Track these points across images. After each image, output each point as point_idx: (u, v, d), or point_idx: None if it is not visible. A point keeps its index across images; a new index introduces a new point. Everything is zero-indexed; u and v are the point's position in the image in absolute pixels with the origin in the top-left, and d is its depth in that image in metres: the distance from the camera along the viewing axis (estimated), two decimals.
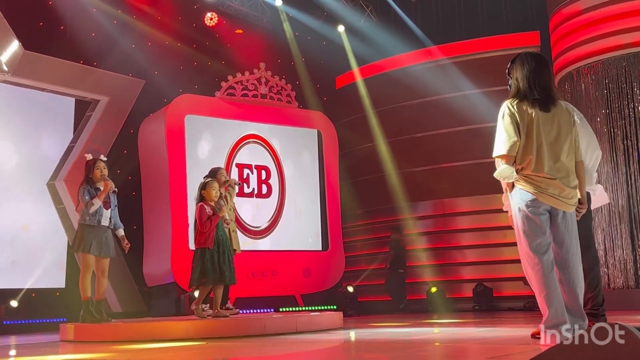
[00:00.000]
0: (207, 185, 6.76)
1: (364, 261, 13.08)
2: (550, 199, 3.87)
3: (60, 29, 10.78)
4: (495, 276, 11.59)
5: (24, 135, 10.32)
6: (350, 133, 13.54)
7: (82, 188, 6.84)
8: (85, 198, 6.76)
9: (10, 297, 9.67)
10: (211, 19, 12.63)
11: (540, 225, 3.88)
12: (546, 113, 3.94)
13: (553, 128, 3.92)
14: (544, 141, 3.89)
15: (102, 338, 6.37)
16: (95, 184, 6.89)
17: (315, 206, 12.65)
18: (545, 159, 3.87)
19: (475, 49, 12.32)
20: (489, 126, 11.25)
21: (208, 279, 6.58)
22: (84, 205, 6.77)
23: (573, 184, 3.93)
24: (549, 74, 4.10)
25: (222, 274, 6.62)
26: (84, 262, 6.84)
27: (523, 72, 4.05)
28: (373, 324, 8.36)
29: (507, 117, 3.95)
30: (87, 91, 11.03)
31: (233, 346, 5.38)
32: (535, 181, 3.88)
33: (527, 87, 4.00)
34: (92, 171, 6.91)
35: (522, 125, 3.91)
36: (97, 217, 6.82)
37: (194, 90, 11.81)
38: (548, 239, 3.91)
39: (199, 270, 6.58)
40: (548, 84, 4.03)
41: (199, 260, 6.60)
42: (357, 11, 13.89)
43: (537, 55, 4.13)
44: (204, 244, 6.62)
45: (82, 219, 6.83)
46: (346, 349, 5.26)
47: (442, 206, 12.36)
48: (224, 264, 6.65)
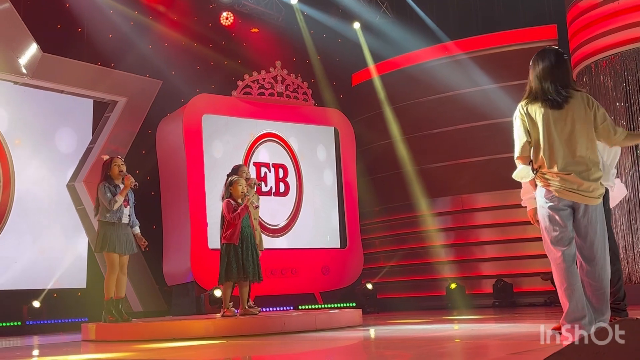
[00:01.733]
0: (233, 182, 6.81)
1: (383, 258, 13.06)
2: (569, 194, 3.86)
3: (77, 31, 10.86)
4: (516, 272, 11.51)
5: (43, 137, 10.41)
6: (367, 130, 13.51)
7: (102, 186, 6.82)
8: (107, 195, 6.76)
9: (32, 297, 9.77)
10: (227, 19, 12.67)
11: (560, 221, 3.88)
12: (558, 110, 3.91)
13: (567, 124, 3.90)
14: (556, 139, 3.88)
15: (123, 337, 6.42)
16: (114, 181, 6.90)
17: (333, 204, 12.66)
18: (560, 155, 3.86)
19: (492, 44, 12.23)
20: (508, 121, 11.14)
21: (232, 274, 6.60)
22: (106, 203, 6.75)
23: (594, 177, 3.89)
24: (563, 70, 4.04)
25: (245, 271, 6.63)
26: (109, 261, 6.83)
27: (534, 71, 4.05)
28: (392, 321, 8.35)
29: (517, 120, 4.02)
30: (105, 92, 11.10)
31: (253, 344, 5.39)
32: (552, 178, 3.89)
33: (537, 87, 4.00)
34: (110, 168, 6.92)
35: (532, 126, 3.95)
36: (118, 214, 6.83)
37: (210, 90, 11.85)
38: (570, 233, 3.90)
39: (224, 267, 6.61)
40: (562, 81, 3.98)
41: (225, 256, 6.64)
42: (373, 8, 13.85)
43: (551, 52, 4.07)
44: (230, 240, 6.64)
45: (103, 217, 6.81)
46: (366, 346, 5.25)
47: (461, 202, 12.30)
48: (247, 261, 6.67)
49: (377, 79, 13.40)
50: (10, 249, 9.81)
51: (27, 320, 9.62)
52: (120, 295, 6.97)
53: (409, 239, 12.66)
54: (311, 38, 13.46)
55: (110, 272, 6.83)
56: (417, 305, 11.92)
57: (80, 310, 9.97)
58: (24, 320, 9.61)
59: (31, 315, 9.66)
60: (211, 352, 5.02)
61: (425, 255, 12.37)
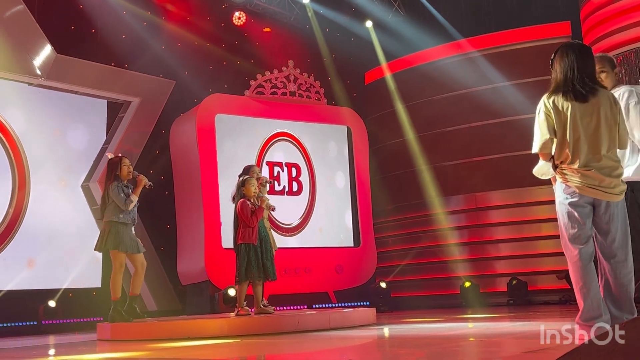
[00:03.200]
0: (245, 182, 6.84)
1: (396, 257, 13.04)
2: (590, 191, 3.82)
3: (91, 32, 10.92)
4: (530, 270, 11.45)
5: (58, 138, 10.49)
6: (380, 128, 13.50)
7: (114, 186, 6.80)
8: (121, 196, 6.75)
9: (48, 297, 9.84)
10: (239, 18, 12.69)
11: (579, 218, 3.85)
12: (584, 104, 3.87)
13: (592, 119, 3.85)
14: (582, 134, 3.83)
15: (138, 336, 6.45)
16: (123, 181, 6.91)
17: (346, 202, 12.65)
18: (583, 151, 3.83)
19: (505, 41, 12.17)
20: (521, 119, 11.23)
21: (253, 274, 6.62)
22: (120, 203, 6.74)
23: (616, 173, 3.86)
24: (589, 64, 4.00)
25: (265, 270, 6.67)
26: (117, 261, 6.83)
27: (561, 64, 3.98)
28: (406, 319, 8.33)
29: (541, 114, 3.94)
30: (118, 93, 11.16)
31: (267, 343, 5.40)
32: (573, 174, 3.85)
33: (564, 80, 3.94)
34: (120, 168, 6.90)
35: (558, 120, 3.89)
36: (131, 215, 6.85)
37: (223, 90, 11.88)
38: (588, 231, 3.87)
39: (245, 266, 6.63)
40: (589, 74, 3.95)
41: (244, 256, 6.65)
42: (385, 6, 13.82)
43: (578, 46, 4.04)
44: (248, 240, 6.66)
45: (115, 217, 6.78)
46: (380, 344, 5.25)
47: (475, 200, 12.25)
48: (267, 260, 6.71)
49: (390, 77, 13.38)
50: (25, 249, 9.89)
51: (43, 319, 9.69)
52: (136, 293, 6.99)
53: (423, 237, 12.63)
54: (323, 37, 13.45)
55: (117, 271, 6.83)
56: (431, 304, 11.90)
57: (96, 309, 10.02)
58: (40, 319, 9.69)
59: (47, 314, 9.74)
60: (226, 351, 5.04)
61: (439, 254, 12.34)
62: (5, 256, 9.71)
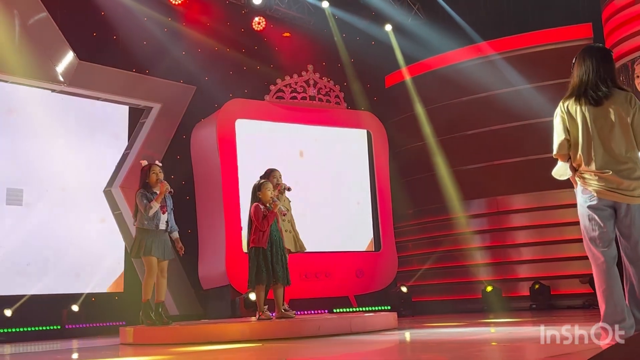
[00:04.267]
0: (261, 186, 6.86)
1: (417, 261, 12.99)
2: (609, 194, 3.79)
3: (112, 38, 11.03)
4: (553, 274, 11.34)
5: (80, 144, 10.59)
6: (400, 132, 13.46)
7: (139, 193, 6.91)
8: (143, 202, 6.83)
9: (71, 302, 9.93)
10: (259, 23, 12.75)
11: (599, 221, 3.82)
12: (598, 107, 3.86)
13: (607, 121, 3.84)
14: (596, 137, 3.83)
15: (160, 341, 6.48)
16: (152, 189, 6.98)
17: (366, 207, 12.63)
18: (599, 154, 3.81)
19: (526, 44, 12.09)
20: (543, 121, 11.14)
21: (262, 278, 6.63)
22: (142, 209, 6.83)
23: (635, 175, 3.81)
24: (608, 67, 3.98)
25: (275, 273, 6.67)
26: (147, 265, 6.88)
27: (579, 69, 4.00)
28: (428, 324, 8.30)
29: (557, 117, 4.00)
30: (140, 99, 11.26)
31: (289, 347, 5.40)
32: (590, 177, 3.83)
33: (578, 84, 3.96)
34: (149, 176, 6.99)
35: (572, 124, 3.92)
36: (155, 221, 6.88)
37: (243, 95, 11.93)
38: (610, 234, 3.84)
39: (254, 270, 6.64)
40: (606, 78, 3.92)
41: (254, 260, 6.67)
42: (405, 9, 13.80)
43: (596, 50, 4.02)
44: (258, 243, 6.67)
45: (141, 224, 6.89)
46: (402, 349, 5.23)
47: (496, 204, 12.17)
48: (277, 264, 6.71)
49: (410, 80, 13.34)
50: (49, 254, 9.99)
51: (66, 324, 9.78)
52: (161, 299, 7.03)
53: (444, 241, 12.57)
54: (343, 41, 13.47)
55: (149, 275, 6.87)
56: (452, 308, 11.84)
57: (118, 314, 10.10)
58: (64, 324, 9.78)
59: (70, 319, 9.82)
60: (247, 355, 5.05)
61: (461, 258, 12.27)
62: (29, 261, 9.82)
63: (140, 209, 6.85)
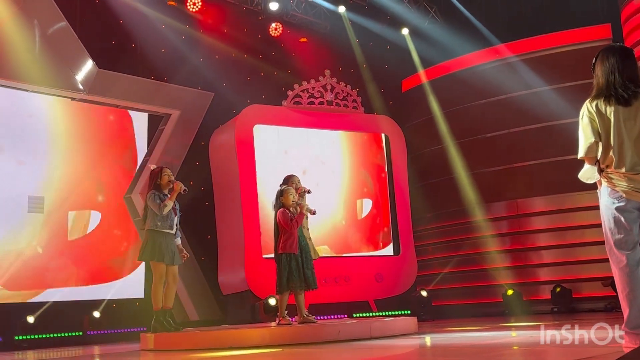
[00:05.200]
0: (284, 192, 6.87)
1: (436, 265, 12.93)
2: (638, 195, 3.74)
3: (131, 46, 11.12)
4: (574, 277, 11.25)
5: (101, 151, 10.68)
6: (418, 136, 13.43)
7: (151, 194, 6.85)
8: (156, 201, 6.78)
9: (92, 308, 10.00)
10: (276, 29, 12.80)
11: (626, 223, 3.77)
12: (627, 108, 3.79)
13: (636, 122, 3.78)
14: (625, 138, 3.76)
15: (181, 346, 6.50)
16: (163, 191, 6.96)
17: (385, 210, 12.60)
18: (628, 155, 3.75)
19: (544, 45, 12.02)
20: (562, 123, 11.07)
21: (295, 284, 6.64)
22: (156, 208, 6.77)
23: None
24: (632, 66, 3.93)
25: (306, 279, 6.69)
26: (157, 272, 6.83)
27: (602, 68, 3.92)
28: (448, 328, 8.25)
29: (585, 118, 3.88)
30: (158, 106, 11.33)
31: (308, 352, 5.40)
32: (619, 179, 3.77)
33: (606, 84, 3.88)
34: (160, 177, 6.96)
35: (602, 124, 3.82)
36: (168, 222, 6.86)
37: (261, 100, 11.96)
38: (635, 237, 3.79)
39: (286, 276, 6.65)
40: (631, 77, 3.88)
41: (286, 266, 6.67)
42: (421, 13, 13.79)
43: (619, 49, 3.97)
44: (290, 250, 6.68)
45: (153, 225, 6.82)
46: (422, 354, 5.21)
47: (516, 207, 12.10)
48: (308, 269, 6.73)
49: (427, 84, 13.32)
50: (70, 260, 10.08)
51: (87, 330, 9.85)
52: (168, 306, 6.96)
53: (464, 245, 12.51)
54: (360, 45, 13.48)
55: (158, 282, 6.82)
56: (473, 312, 11.76)
57: (139, 319, 10.13)
58: (85, 330, 9.85)
59: (92, 325, 9.89)
60: None
61: (481, 262, 12.21)
62: (50, 268, 9.91)
63: (154, 209, 6.78)
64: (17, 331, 9.23)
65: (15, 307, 9.45)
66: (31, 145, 10.05)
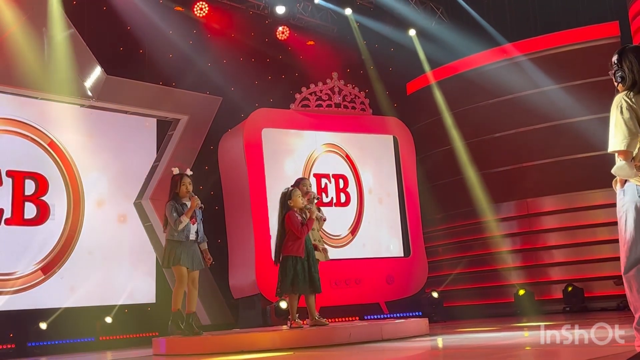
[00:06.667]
0: (292, 193, 6.83)
1: (447, 266, 12.91)
2: None
3: (139, 52, 11.16)
4: (586, 276, 11.20)
5: (110, 157, 10.70)
6: (426, 137, 13.42)
7: (170, 205, 6.91)
8: (173, 215, 6.83)
9: (104, 313, 10.03)
10: (283, 33, 12.82)
11: None
12: None
13: None
14: None
15: (192, 351, 6.51)
16: (182, 200, 7.01)
17: (395, 212, 12.59)
18: None
19: (552, 44, 11.98)
20: (571, 122, 11.04)
21: (299, 287, 6.62)
22: (172, 223, 6.86)
23: None
24: None
25: (312, 282, 6.65)
26: (177, 275, 6.88)
27: (627, 64, 3.81)
28: (460, 329, 8.23)
29: (625, 111, 3.71)
30: (167, 111, 11.36)
31: (320, 355, 5.40)
32: None
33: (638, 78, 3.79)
34: (179, 187, 7.01)
35: (637, 118, 3.70)
36: (185, 232, 6.90)
37: (269, 104, 11.99)
38: None
39: (290, 279, 6.62)
40: None
41: (291, 269, 6.63)
42: (428, 14, 13.78)
43: (635, 48, 3.94)
44: (296, 253, 6.65)
45: (171, 235, 6.90)
46: (434, 355, 5.20)
47: (526, 206, 12.06)
48: (315, 273, 6.70)
49: (435, 85, 13.31)
50: (81, 266, 10.11)
51: (100, 335, 9.87)
52: (191, 310, 7.00)
53: (474, 245, 12.49)
54: (367, 47, 13.49)
55: (179, 284, 6.88)
56: (484, 313, 11.73)
57: (151, 324, 10.18)
58: (97, 336, 9.87)
59: (103, 331, 9.91)
60: None
61: (492, 262, 12.18)
62: (63, 274, 9.95)
63: (170, 222, 6.87)
64: (30, 337, 9.26)
65: (28, 313, 9.48)
66: None
